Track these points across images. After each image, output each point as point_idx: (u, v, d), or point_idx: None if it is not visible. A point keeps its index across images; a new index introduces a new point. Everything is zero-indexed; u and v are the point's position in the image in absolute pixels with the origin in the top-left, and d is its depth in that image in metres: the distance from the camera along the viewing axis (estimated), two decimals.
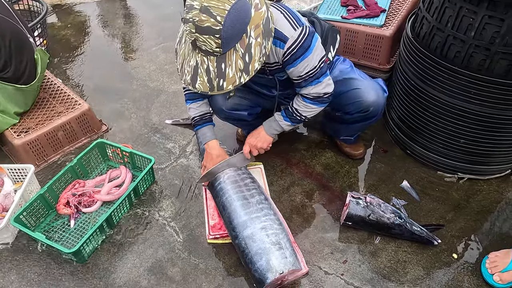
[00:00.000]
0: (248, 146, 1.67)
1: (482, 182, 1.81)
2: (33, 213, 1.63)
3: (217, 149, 1.70)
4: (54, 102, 2.04)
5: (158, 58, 2.69)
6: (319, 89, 1.48)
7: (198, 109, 1.67)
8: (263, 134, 1.65)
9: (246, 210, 1.48)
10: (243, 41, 1.22)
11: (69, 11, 3.28)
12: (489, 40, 1.41)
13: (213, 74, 1.25)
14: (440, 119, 1.70)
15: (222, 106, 1.71)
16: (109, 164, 1.94)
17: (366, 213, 1.56)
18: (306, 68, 1.40)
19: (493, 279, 1.43)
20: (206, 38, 1.17)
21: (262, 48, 1.25)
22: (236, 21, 1.17)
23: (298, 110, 1.56)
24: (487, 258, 1.49)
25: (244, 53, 1.23)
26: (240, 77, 1.26)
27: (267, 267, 1.34)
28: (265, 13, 1.25)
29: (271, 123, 1.65)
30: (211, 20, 1.13)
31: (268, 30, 1.26)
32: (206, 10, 1.13)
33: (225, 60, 1.23)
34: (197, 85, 1.29)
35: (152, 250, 1.60)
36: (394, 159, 1.94)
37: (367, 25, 1.95)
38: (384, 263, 1.53)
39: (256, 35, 1.23)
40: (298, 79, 1.45)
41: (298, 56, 1.36)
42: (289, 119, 1.60)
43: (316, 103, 1.54)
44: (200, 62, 1.25)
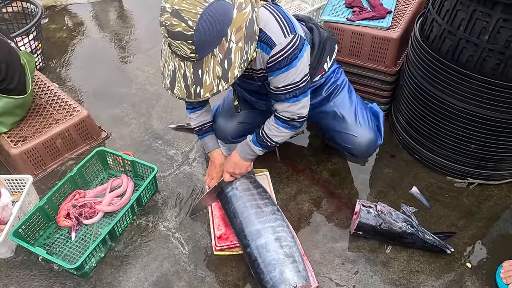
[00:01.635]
0: (227, 174, 1.57)
1: (492, 187, 1.77)
2: (32, 226, 1.57)
3: (220, 158, 1.65)
4: (52, 108, 1.98)
5: (156, 61, 2.63)
6: (295, 108, 1.35)
7: (198, 119, 1.61)
8: (238, 159, 1.53)
9: (260, 218, 1.44)
10: (222, 46, 1.12)
11: (63, 13, 3.20)
12: (503, 44, 1.37)
13: (190, 81, 1.17)
14: (450, 123, 1.66)
15: (228, 136, 1.69)
16: (110, 173, 1.88)
17: (377, 222, 1.52)
18: (286, 81, 1.28)
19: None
20: (178, 44, 1.08)
21: (243, 53, 1.15)
22: (212, 25, 1.07)
23: (269, 134, 1.43)
24: (502, 267, 1.46)
25: (223, 58, 1.13)
26: (218, 85, 1.16)
27: (281, 278, 1.30)
28: (249, 14, 1.14)
29: (244, 148, 1.52)
30: (182, 25, 1.04)
31: (252, 34, 1.15)
32: (177, 14, 1.04)
33: (202, 66, 1.14)
34: (175, 90, 1.21)
35: (157, 263, 1.55)
36: (402, 164, 1.90)
37: (374, 27, 1.90)
38: (397, 273, 1.49)
39: (237, 39, 1.13)
40: (275, 90, 1.32)
41: (282, 67, 1.24)
42: (259, 145, 1.47)
43: (288, 127, 1.41)
44: (177, 66, 1.17)
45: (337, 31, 1.95)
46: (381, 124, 1.65)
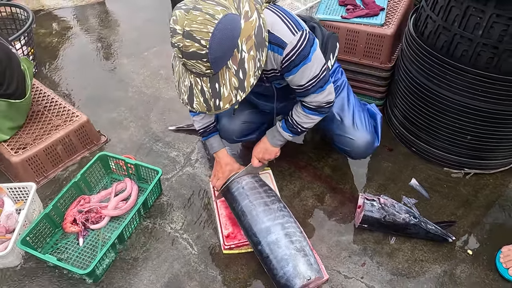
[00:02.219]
0: (256, 159, 1.64)
1: (488, 176, 1.84)
2: (40, 234, 1.57)
3: (225, 158, 1.67)
4: (50, 115, 1.96)
5: (151, 63, 2.63)
6: (322, 97, 1.41)
7: (202, 122, 1.64)
8: (268, 146, 1.61)
9: (268, 216, 1.47)
10: (235, 57, 1.15)
11: (51, 17, 3.16)
12: (497, 39, 1.43)
13: (208, 95, 1.19)
14: (446, 116, 1.72)
15: (232, 136, 1.70)
16: (113, 177, 1.88)
17: (381, 215, 1.57)
18: (308, 77, 1.32)
19: (508, 273, 1.46)
20: (193, 63, 1.10)
21: (256, 61, 1.18)
22: (223, 40, 1.09)
23: (298, 121, 1.50)
24: (501, 252, 1.52)
25: (237, 70, 1.16)
26: (236, 95, 1.20)
27: (295, 273, 1.33)
28: (257, 21, 1.17)
29: (274, 134, 1.59)
30: (196, 45, 1.06)
31: (261, 40, 1.18)
32: (189, 35, 1.05)
33: (219, 79, 1.17)
34: (194, 105, 1.23)
35: (167, 264, 1.56)
36: (400, 157, 1.95)
37: (368, 24, 1.94)
38: (402, 263, 1.54)
39: (249, 48, 1.15)
40: (300, 88, 1.37)
41: (297, 64, 1.28)
42: (289, 131, 1.54)
43: (316, 114, 1.48)
44: (194, 83, 1.19)
45: (332, 29, 1.99)
46: (379, 125, 1.69)
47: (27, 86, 1.83)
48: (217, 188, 1.68)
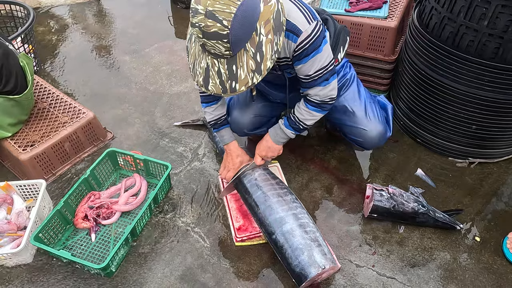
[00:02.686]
0: (259, 157, 1.65)
1: (492, 165, 1.88)
2: (52, 230, 1.57)
3: (236, 150, 1.68)
4: (56, 112, 1.96)
5: (153, 59, 2.62)
6: (326, 91, 1.43)
7: (213, 113, 1.64)
8: (271, 144, 1.61)
9: (282, 207, 1.48)
10: (253, 40, 1.15)
11: (49, 15, 3.14)
12: (502, 29, 1.46)
13: (224, 77, 1.20)
14: (451, 106, 1.74)
15: (243, 129, 1.72)
16: (121, 173, 1.88)
17: (391, 204, 1.59)
18: (316, 67, 1.35)
19: None
20: (214, 43, 1.11)
21: (273, 45, 1.18)
22: (244, 21, 1.09)
23: (301, 119, 1.52)
24: (508, 238, 1.55)
25: (255, 52, 1.17)
26: (253, 78, 1.20)
27: (310, 261, 1.35)
28: (275, 5, 1.17)
29: (276, 132, 1.60)
30: (218, 25, 1.07)
31: (279, 25, 1.19)
32: (212, 15, 1.06)
33: (236, 61, 1.17)
34: (209, 87, 1.24)
35: (180, 257, 1.57)
36: (405, 148, 1.98)
37: (372, 17, 1.96)
38: (412, 251, 1.57)
39: (267, 32, 1.16)
40: (307, 78, 1.39)
41: (309, 53, 1.30)
42: (292, 128, 1.56)
43: (318, 110, 1.50)
44: (210, 64, 1.19)
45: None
46: (390, 116, 1.71)
47: (28, 82, 1.83)
48: (227, 180, 1.69)
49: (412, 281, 1.48)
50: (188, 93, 2.34)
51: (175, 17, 3.09)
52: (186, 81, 2.43)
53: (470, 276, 1.49)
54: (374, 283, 1.48)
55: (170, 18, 3.09)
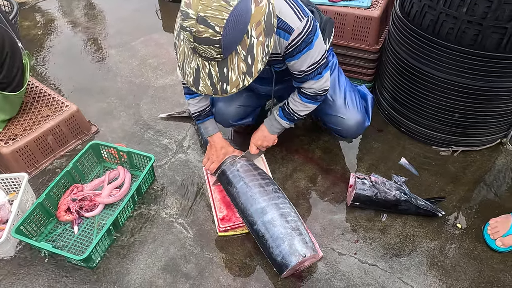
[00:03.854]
0: (254, 146, 1.68)
1: (475, 153, 1.89)
2: (34, 223, 1.57)
3: (220, 141, 1.68)
4: (39, 105, 1.95)
5: (139, 52, 2.61)
6: (319, 84, 1.45)
7: (198, 105, 1.63)
8: (267, 133, 1.66)
9: (263, 197, 1.49)
10: (244, 42, 1.13)
11: (35, 10, 3.12)
12: (481, 16, 1.46)
13: (215, 79, 1.18)
14: (433, 94, 1.75)
15: (228, 120, 1.71)
16: (105, 166, 1.88)
17: (372, 193, 1.60)
18: (309, 62, 1.36)
19: (495, 244, 1.50)
20: (205, 48, 1.09)
21: (264, 47, 1.17)
22: (236, 26, 1.08)
23: (295, 109, 1.55)
24: (488, 224, 1.56)
25: (246, 55, 1.15)
26: (244, 80, 1.19)
27: (290, 250, 1.36)
28: (266, 6, 1.15)
29: (272, 122, 1.64)
30: (210, 31, 1.05)
31: (270, 26, 1.17)
32: (203, 20, 1.04)
33: (227, 64, 1.16)
34: (200, 87, 1.22)
35: (163, 248, 1.57)
36: (390, 137, 1.99)
37: (355, 7, 1.96)
38: (394, 239, 1.58)
39: (258, 34, 1.14)
40: (300, 73, 1.40)
41: (302, 49, 1.31)
42: (287, 119, 1.60)
43: (312, 101, 1.53)
44: (201, 66, 1.17)
45: None
46: (369, 106, 1.72)
47: (25, 79, 1.82)
48: (210, 171, 1.69)
49: (394, 268, 1.49)
50: (174, 86, 2.33)
51: (163, 11, 3.07)
52: (172, 74, 2.43)
53: (451, 262, 1.50)
54: (355, 270, 1.49)
55: (158, 11, 3.07)
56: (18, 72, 1.77)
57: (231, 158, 1.65)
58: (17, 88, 1.79)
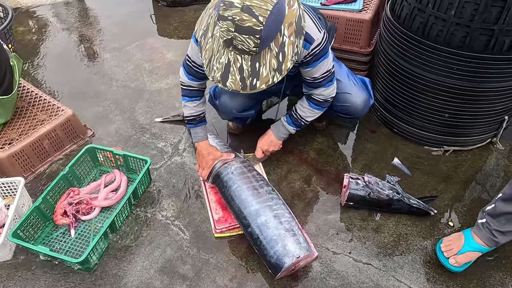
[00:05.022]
0: (260, 151, 1.75)
1: (466, 153, 1.92)
2: (30, 227, 1.57)
3: (207, 147, 1.72)
4: (35, 110, 1.96)
5: (134, 57, 2.63)
6: (329, 91, 1.56)
7: (195, 109, 1.66)
8: (273, 138, 1.75)
9: (257, 199, 1.50)
10: (277, 40, 1.18)
11: (29, 15, 3.13)
12: (468, 18, 1.49)
13: (246, 73, 1.20)
14: (424, 95, 1.78)
15: (232, 109, 1.73)
16: (101, 169, 1.89)
17: (366, 192, 1.63)
18: (322, 71, 1.46)
19: (449, 262, 1.46)
20: (245, 38, 1.11)
21: (294, 47, 1.21)
22: (276, 19, 1.12)
23: (303, 116, 1.65)
24: (441, 241, 1.52)
25: (278, 52, 1.19)
26: (274, 76, 1.22)
27: (284, 252, 1.37)
28: (297, 10, 1.21)
29: (279, 128, 1.73)
30: (253, 20, 1.08)
31: (300, 29, 1.22)
32: (248, 9, 1.07)
33: (260, 59, 1.19)
34: (228, 83, 1.23)
35: (160, 250, 1.59)
36: (382, 138, 2.02)
37: (347, 10, 2.00)
38: (387, 237, 1.60)
39: (290, 34, 1.19)
40: (313, 80, 1.49)
41: (318, 58, 1.40)
42: (294, 125, 1.70)
43: (319, 108, 1.63)
44: (233, 60, 1.19)
45: None
46: (369, 86, 1.75)
47: (14, 82, 1.83)
48: (203, 178, 1.73)
49: (388, 266, 1.51)
50: (169, 89, 2.35)
51: (157, 15, 3.10)
52: (167, 77, 2.45)
53: None
54: (350, 269, 1.51)
55: (152, 16, 3.09)
56: (6, 75, 1.77)
57: (222, 162, 1.67)
58: (7, 91, 1.79)
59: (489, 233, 1.39)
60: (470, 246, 1.44)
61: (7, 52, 1.85)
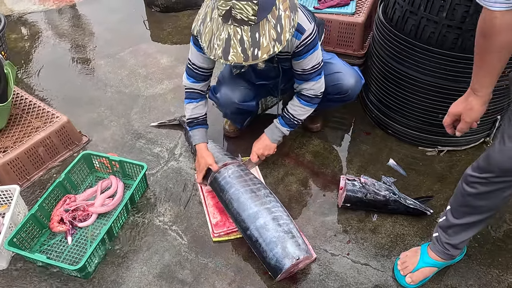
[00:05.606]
0: (255, 155, 1.78)
1: (460, 153, 1.94)
2: (27, 235, 1.56)
3: (202, 151, 1.72)
4: (29, 117, 1.95)
5: (128, 63, 2.63)
6: (319, 85, 1.60)
7: (194, 111, 1.69)
8: (268, 142, 1.77)
9: (255, 202, 1.51)
10: (274, 13, 1.25)
11: (22, 22, 3.11)
12: (460, 20, 1.52)
13: (247, 44, 1.25)
14: (418, 97, 1.80)
15: (234, 99, 1.74)
16: (97, 176, 1.88)
17: (363, 194, 1.64)
18: (313, 62, 1.52)
19: (405, 281, 1.44)
20: (243, 5, 1.19)
21: (290, 20, 1.29)
22: None
23: (295, 115, 1.69)
24: (399, 259, 1.50)
25: (275, 23, 1.26)
26: (274, 46, 1.28)
27: (284, 253, 1.38)
28: None
29: (273, 131, 1.76)
30: None
31: (294, 5, 1.31)
32: None
33: (259, 29, 1.25)
34: (230, 57, 1.28)
35: (158, 255, 1.58)
36: (377, 140, 2.03)
37: (340, 14, 2.02)
38: (385, 238, 1.61)
39: (284, 8, 1.27)
40: (303, 72, 1.55)
41: (309, 49, 1.47)
42: (287, 125, 1.73)
43: (310, 104, 1.66)
44: (233, 33, 1.25)
45: None
46: (359, 71, 1.79)
47: (9, 89, 1.82)
48: (197, 181, 1.77)
49: (386, 266, 1.52)
50: (164, 95, 2.35)
51: (150, 21, 3.10)
52: (162, 83, 2.45)
53: None
54: (349, 270, 1.52)
55: (146, 22, 3.10)
56: (0, 82, 1.77)
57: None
58: (3, 99, 1.78)
59: (441, 246, 1.38)
60: (424, 262, 1.43)
61: (1, 59, 1.84)
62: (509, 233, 1.62)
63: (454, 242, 1.35)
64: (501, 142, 1.11)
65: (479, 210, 1.25)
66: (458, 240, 1.34)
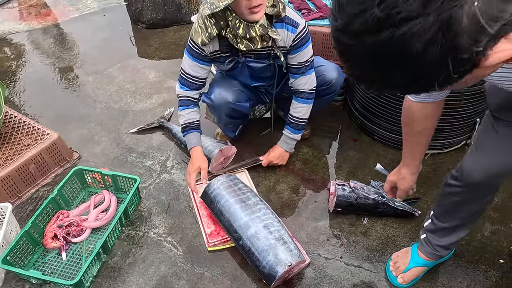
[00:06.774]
0: (268, 162, 1.91)
1: (443, 155, 2.02)
2: (20, 252, 1.55)
3: (196, 155, 1.76)
4: (19, 135, 1.95)
5: (116, 79, 2.65)
6: (312, 79, 1.74)
7: (187, 116, 1.75)
8: (283, 151, 1.91)
9: (245, 211, 1.54)
10: None
11: (6, 42, 3.12)
12: None
13: None
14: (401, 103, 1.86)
15: (228, 99, 1.77)
16: (89, 191, 1.89)
17: (353, 198, 1.68)
18: (307, 56, 1.67)
19: (397, 281, 1.48)
20: None
21: None
22: None
23: (300, 116, 1.81)
24: (391, 260, 1.54)
25: None
26: None
27: (276, 261, 1.40)
28: None
29: (287, 142, 1.89)
30: None
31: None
32: None
33: None
34: None
35: (154, 267, 1.59)
36: (364, 145, 2.09)
37: (323, 26, 2.09)
38: (376, 240, 1.66)
39: None
40: (300, 65, 1.67)
41: (304, 43, 1.62)
42: (297, 131, 1.86)
43: (308, 100, 1.79)
44: None
45: None
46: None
47: (0, 108, 1.83)
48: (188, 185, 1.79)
49: (378, 267, 1.56)
50: (153, 109, 2.38)
51: (137, 38, 3.14)
52: (151, 97, 2.48)
53: None
54: (342, 273, 1.55)
55: (132, 38, 3.14)
56: None
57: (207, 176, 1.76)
58: None
59: (431, 248, 1.42)
60: (415, 262, 1.47)
61: None
62: (493, 230, 1.68)
63: (444, 244, 1.39)
64: (472, 152, 1.18)
65: (461, 214, 1.29)
66: (447, 242, 1.39)
